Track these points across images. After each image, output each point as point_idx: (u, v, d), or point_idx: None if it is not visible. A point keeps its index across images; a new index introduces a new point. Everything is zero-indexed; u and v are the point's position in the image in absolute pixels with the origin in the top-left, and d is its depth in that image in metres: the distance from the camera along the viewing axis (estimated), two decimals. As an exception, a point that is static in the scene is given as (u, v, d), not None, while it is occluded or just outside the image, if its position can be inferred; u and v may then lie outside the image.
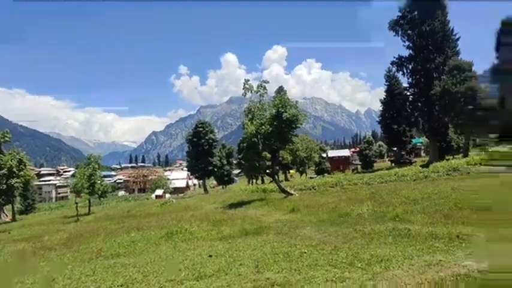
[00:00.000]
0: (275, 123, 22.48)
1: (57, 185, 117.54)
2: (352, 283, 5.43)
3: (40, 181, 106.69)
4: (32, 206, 64.40)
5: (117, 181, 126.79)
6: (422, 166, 31.86)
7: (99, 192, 37.50)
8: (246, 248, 8.75)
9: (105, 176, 58.14)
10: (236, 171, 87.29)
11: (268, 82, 24.67)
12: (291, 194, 22.49)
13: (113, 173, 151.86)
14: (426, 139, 53.60)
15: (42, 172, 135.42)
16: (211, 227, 13.77)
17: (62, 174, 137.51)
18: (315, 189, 23.97)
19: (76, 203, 37.11)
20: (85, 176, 36.15)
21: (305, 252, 7.58)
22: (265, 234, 10.70)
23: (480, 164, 20.92)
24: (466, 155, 36.05)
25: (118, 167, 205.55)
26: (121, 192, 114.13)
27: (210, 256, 8.31)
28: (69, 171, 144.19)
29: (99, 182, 37.49)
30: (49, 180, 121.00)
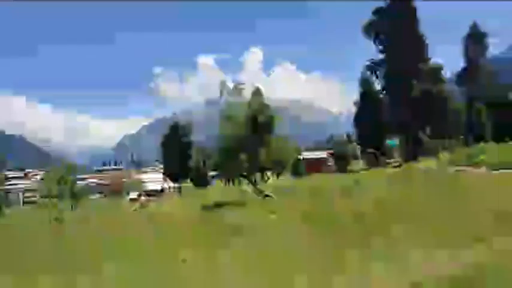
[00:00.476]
0: (251, 125, 22.47)
1: (25, 188, 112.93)
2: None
3: (6, 185, 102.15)
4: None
5: (90, 184, 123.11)
6: (394, 167, 32.72)
7: (71, 196, 36.35)
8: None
9: (77, 179, 56.31)
10: (212, 174, 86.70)
11: (244, 84, 24.71)
12: (269, 196, 22.51)
13: (86, 175, 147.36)
14: (399, 141, 55.13)
15: (9, 175, 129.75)
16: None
17: (30, 178, 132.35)
18: (292, 191, 24.11)
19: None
20: (56, 180, 34.96)
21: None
22: (242, 237, 10.64)
23: (449, 164, 21.66)
24: (437, 156, 37.22)
25: (91, 169, 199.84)
26: (94, 196, 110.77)
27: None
28: (38, 174, 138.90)
29: (71, 185, 36.35)
30: (16, 184, 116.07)
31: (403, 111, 45.65)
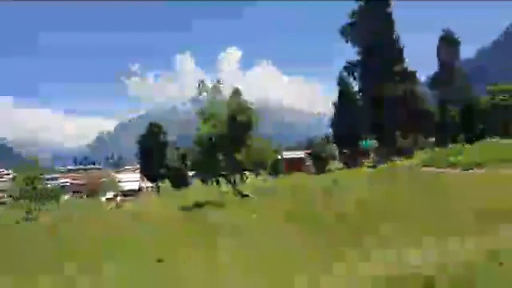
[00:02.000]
0: (230, 125, 22.39)
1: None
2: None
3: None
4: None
5: (63, 184, 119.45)
6: (369, 167, 33.39)
7: (42, 196, 35.12)
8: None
9: (50, 179, 54.59)
10: (191, 173, 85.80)
11: (222, 83, 24.58)
12: (247, 196, 22.49)
13: (58, 175, 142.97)
14: (375, 141, 56.20)
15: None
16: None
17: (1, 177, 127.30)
18: (272, 191, 24.18)
19: None
20: (25, 180, 33.68)
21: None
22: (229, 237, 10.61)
23: (424, 164, 22.24)
24: (410, 157, 38.16)
25: (64, 169, 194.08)
26: (66, 196, 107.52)
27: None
28: (8, 174, 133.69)
29: (41, 186, 35.13)
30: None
31: (379, 112, 46.58)
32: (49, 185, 39.98)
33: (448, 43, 50.28)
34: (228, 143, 22.98)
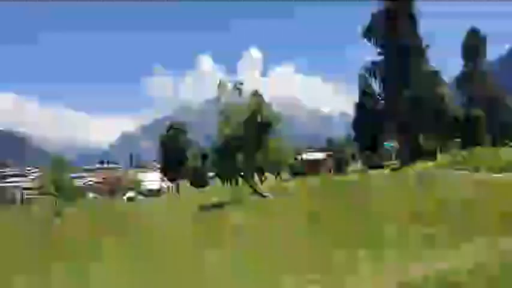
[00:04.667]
0: (250, 125, 22.45)
1: (24, 186, 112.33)
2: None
3: (4, 182, 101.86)
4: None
5: (87, 183, 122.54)
6: (392, 170, 32.80)
7: (67, 194, 36.22)
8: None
9: (74, 178, 56.22)
10: (211, 174, 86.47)
11: (243, 84, 24.64)
12: (265, 197, 22.50)
13: (84, 174, 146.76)
14: (397, 143, 55.10)
15: (6, 173, 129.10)
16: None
17: (28, 176, 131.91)
18: (290, 192, 24.12)
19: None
20: (52, 178, 34.84)
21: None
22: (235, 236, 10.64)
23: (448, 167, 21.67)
24: (434, 159, 37.24)
25: (88, 168, 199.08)
26: (91, 195, 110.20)
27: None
28: (36, 172, 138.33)
29: (67, 184, 36.25)
30: (15, 182, 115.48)
31: (401, 113, 45.66)
32: (75, 184, 41.12)
33: (474, 41, 48.89)
34: (247, 143, 23.04)
